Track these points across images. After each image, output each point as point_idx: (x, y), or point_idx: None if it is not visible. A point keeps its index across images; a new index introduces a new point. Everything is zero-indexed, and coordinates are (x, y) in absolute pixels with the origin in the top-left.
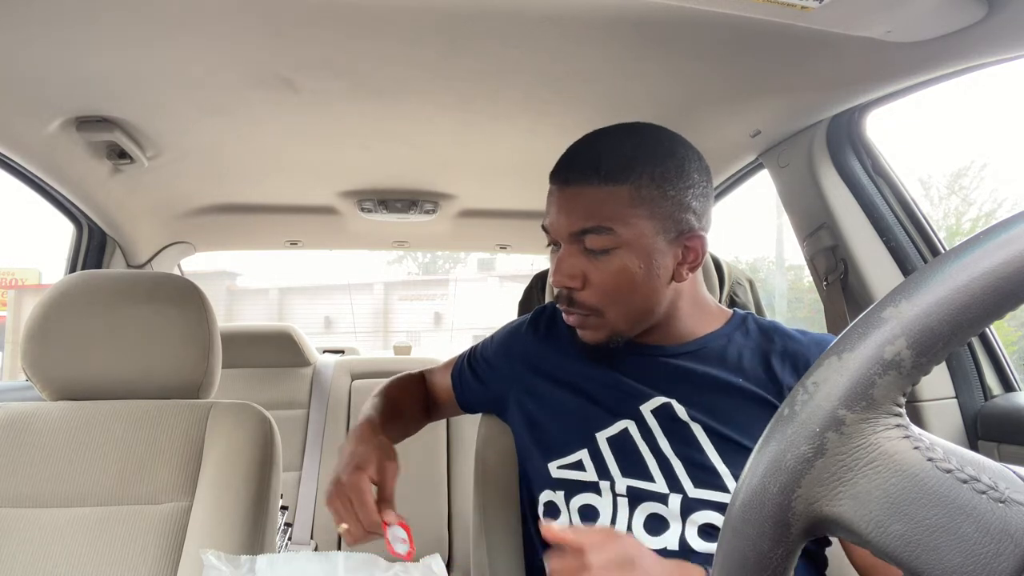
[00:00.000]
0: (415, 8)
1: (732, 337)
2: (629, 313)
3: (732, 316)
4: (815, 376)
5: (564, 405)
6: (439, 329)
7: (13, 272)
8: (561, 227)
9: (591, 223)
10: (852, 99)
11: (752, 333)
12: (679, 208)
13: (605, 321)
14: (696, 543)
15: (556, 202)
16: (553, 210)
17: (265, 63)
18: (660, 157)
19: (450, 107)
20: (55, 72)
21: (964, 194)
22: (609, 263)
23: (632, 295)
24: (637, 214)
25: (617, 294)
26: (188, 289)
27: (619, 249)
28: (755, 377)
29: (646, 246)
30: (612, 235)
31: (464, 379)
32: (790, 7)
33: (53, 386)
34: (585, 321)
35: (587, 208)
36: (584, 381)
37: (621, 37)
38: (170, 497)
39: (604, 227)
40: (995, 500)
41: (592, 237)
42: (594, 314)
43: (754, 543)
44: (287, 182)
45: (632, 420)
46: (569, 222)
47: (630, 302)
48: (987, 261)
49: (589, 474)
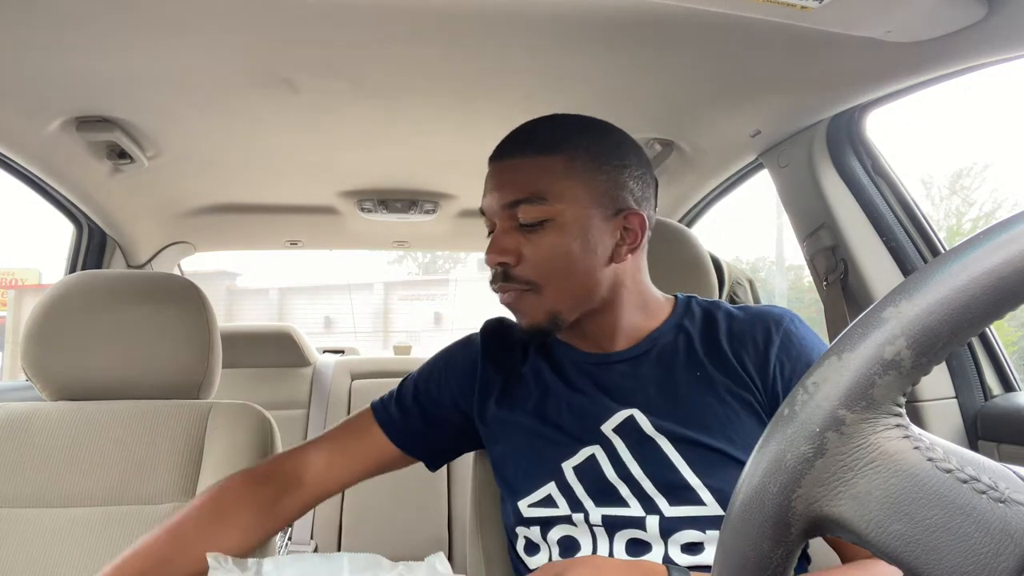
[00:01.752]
0: (415, 8)
1: (681, 326)
2: (567, 290)
3: (676, 303)
4: (815, 376)
5: (524, 435)
6: (439, 329)
7: (13, 272)
8: (494, 202)
9: (524, 193)
10: (852, 99)
11: (697, 318)
12: (615, 185)
13: (543, 299)
14: (681, 559)
15: (491, 179)
16: (488, 187)
17: (265, 63)
18: (594, 134)
19: (450, 107)
20: (55, 72)
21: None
22: (544, 236)
23: (569, 271)
24: (571, 185)
25: (553, 269)
26: (188, 289)
27: (553, 222)
28: (710, 365)
29: (581, 219)
30: (545, 205)
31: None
32: (790, 7)
33: (53, 386)
34: (522, 299)
35: (520, 179)
36: (541, 401)
37: (621, 37)
38: (170, 497)
39: (537, 196)
40: (995, 500)
41: (525, 208)
42: (531, 289)
43: (754, 543)
44: (287, 182)
45: (597, 444)
46: (502, 195)
47: (567, 278)
48: (987, 261)
49: (561, 508)
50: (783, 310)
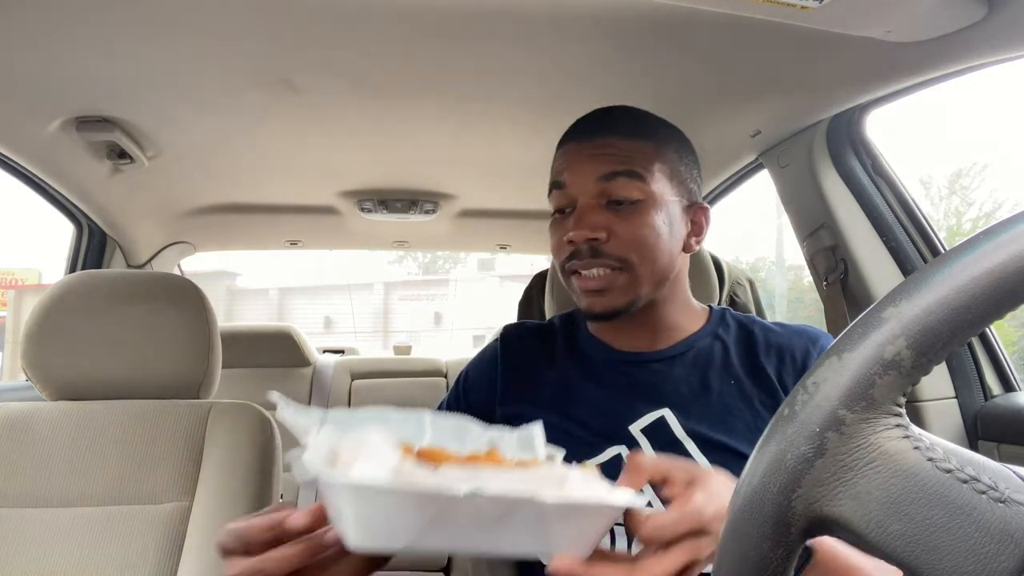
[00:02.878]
0: (415, 8)
1: (717, 335)
2: (654, 273)
3: (711, 313)
4: (815, 376)
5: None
6: (439, 329)
7: (13, 272)
8: (585, 176)
9: (622, 167)
10: (852, 99)
11: (733, 329)
12: (690, 178)
13: (633, 278)
14: None
15: (577, 154)
16: (572, 163)
17: (265, 63)
18: (672, 128)
19: (450, 107)
20: (55, 72)
21: (964, 194)
22: (636, 215)
23: (658, 252)
24: (661, 170)
25: (646, 248)
26: (188, 289)
27: (646, 202)
28: (745, 376)
29: (668, 205)
30: (642, 184)
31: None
32: (790, 7)
33: (53, 386)
34: (612, 279)
35: (616, 155)
36: (568, 400)
37: (621, 37)
38: (170, 497)
39: (636, 172)
40: (995, 500)
41: (623, 182)
42: (623, 268)
43: (754, 543)
44: (287, 182)
45: (623, 445)
46: (595, 168)
47: (657, 259)
48: (987, 261)
49: None
50: (820, 330)
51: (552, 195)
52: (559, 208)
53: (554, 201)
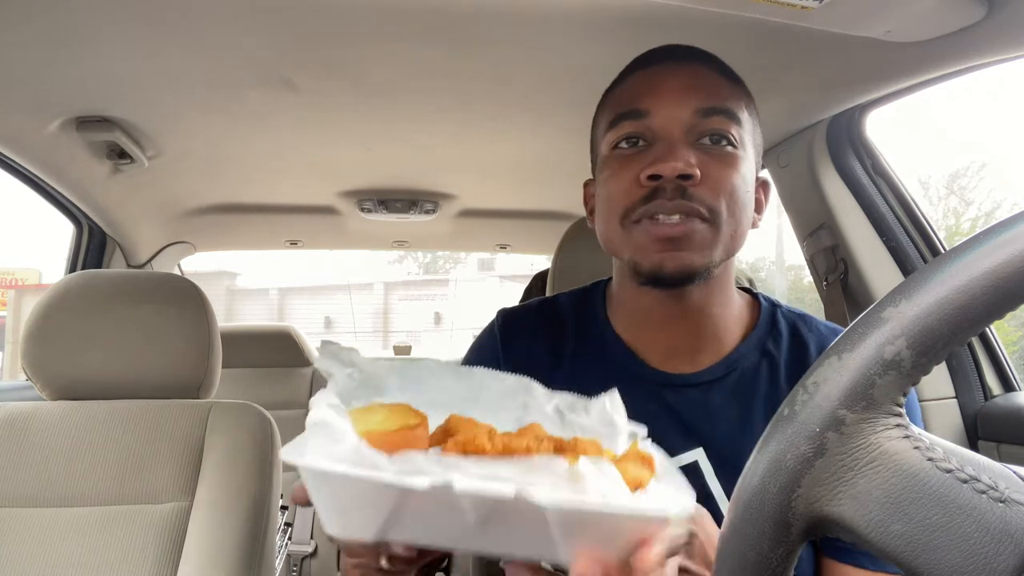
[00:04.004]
0: (416, 8)
1: (765, 349)
2: (736, 235)
3: (759, 311)
4: (815, 376)
5: None
6: (439, 329)
7: (13, 272)
8: (679, 104)
9: (721, 103)
10: (852, 99)
11: (785, 339)
12: (759, 147)
13: (716, 235)
14: None
15: (668, 79)
16: (660, 88)
17: (265, 63)
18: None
19: (450, 107)
20: (55, 72)
21: (963, 194)
22: (729, 162)
23: (744, 209)
24: (748, 124)
25: (734, 201)
26: (188, 289)
27: (739, 152)
28: None
29: (750, 164)
30: (738, 127)
31: None
32: (790, 7)
33: (53, 386)
34: (695, 230)
35: (715, 89)
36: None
37: (621, 37)
38: (170, 497)
39: (733, 112)
40: (995, 500)
41: (720, 119)
42: (710, 221)
43: (754, 543)
44: (287, 182)
45: None
46: (693, 98)
47: (742, 219)
48: (987, 261)
49: None
50: None
51: (618, 126)
52: (632, 136)
53: (618, 132)
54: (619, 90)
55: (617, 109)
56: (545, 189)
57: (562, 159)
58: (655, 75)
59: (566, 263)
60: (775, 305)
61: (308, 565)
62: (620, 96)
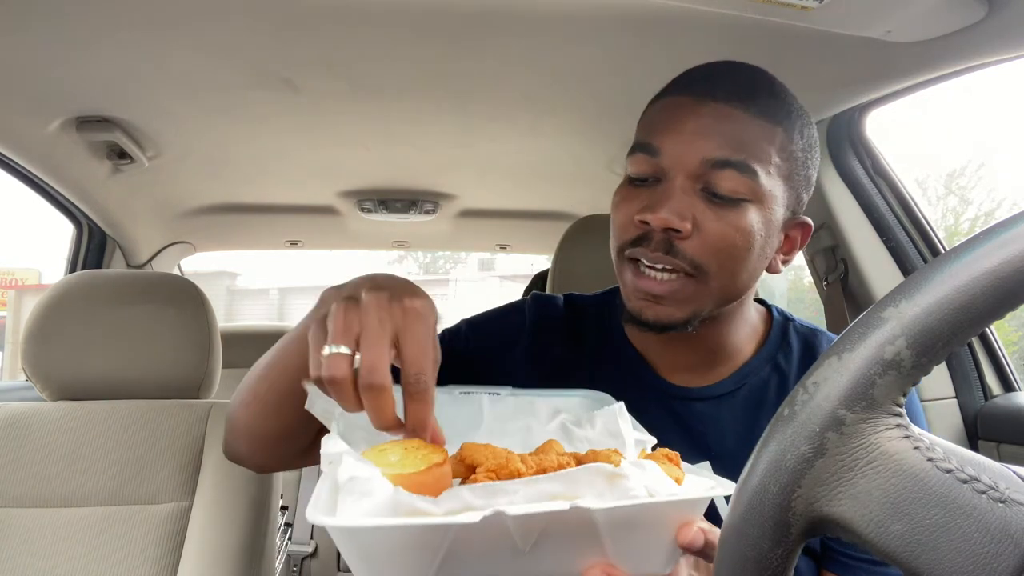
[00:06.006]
0: (415, 8)
1: (775, 362)
2: (728, 289)
3: (771, 324)
4: (815, 376)
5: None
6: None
7: (13, 272)
8: (690, 150)
9: (737, 155)
10: (852, 99)
11: (795, 352)
12: (805, 184)
13: (702, 290)
14: None
15: (686, 116)
16: (676, 127)
17: (265, 63)
18: (807, 117)
19: (450, 107)
20: (55, 72)
21: (962, 193)
22: (733, 215)
23: (742, 264)
24: (779, 169)
25: (729, 256)
26: (188, 289)
27: (751, 204)
28: None
29: (773, 212)
30: (753, 181)
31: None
32: (790, 7)
33: (53, 386)
34: (679, 287)
35: (734, 136)
36: None
37: (621, 36)
38: (170, 497)
39: (749, 167)
40: (995, 500)
41: (731, 175)
42: (695, 277)
43: (754, 543)
44: (287, 182)
45: None
46: (707, 146)
47: (737, 272)
48: (987, 261)
49: None
50: None
51: (634, 157)
52: (639, 176)
53: (634, 166)
54: (651, 110)
55: (639, 135)
56: (545, 189)
57: (562, 159)
58: (678, 108)
59: (566, 263)
60: (788, 319)
61: (308, 565)
62: (649, 119)
